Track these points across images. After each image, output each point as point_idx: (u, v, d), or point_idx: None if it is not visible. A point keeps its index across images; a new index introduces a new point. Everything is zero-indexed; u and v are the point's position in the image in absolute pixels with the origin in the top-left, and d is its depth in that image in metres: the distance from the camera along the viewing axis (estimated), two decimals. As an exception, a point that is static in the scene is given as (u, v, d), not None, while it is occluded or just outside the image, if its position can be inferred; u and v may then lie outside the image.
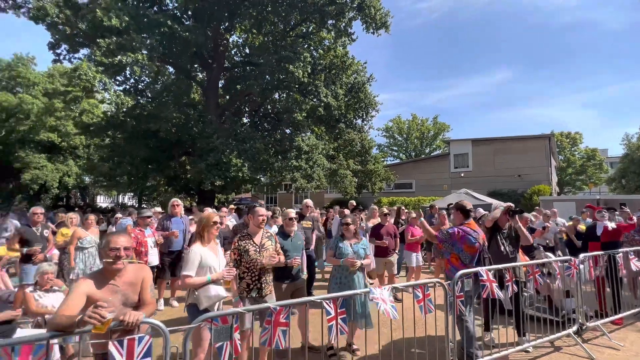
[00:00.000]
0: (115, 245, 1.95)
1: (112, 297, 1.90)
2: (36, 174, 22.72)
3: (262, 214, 3.03)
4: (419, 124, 39.89)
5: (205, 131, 13.39)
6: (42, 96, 24.14)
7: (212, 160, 12.34)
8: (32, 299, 3.69)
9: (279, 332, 2.16)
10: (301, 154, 13.44)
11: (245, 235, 3.06)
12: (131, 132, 13.49)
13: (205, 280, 2.70)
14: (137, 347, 1.71)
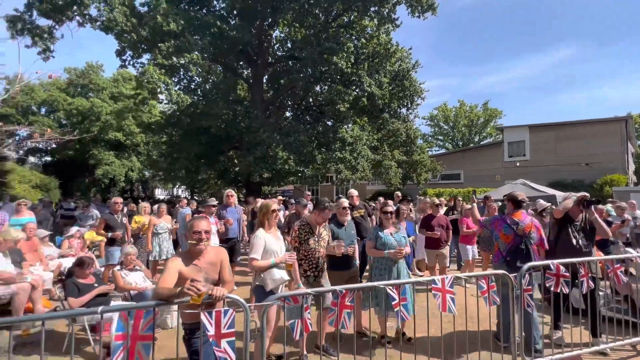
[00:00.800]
0: (198, 229, 2.20)
1: (196, 275, 2.16)
2: (106, 169, 25.66)
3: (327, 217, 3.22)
4: (467, 110, 37.49)
5: (251, 126, 14.01)
6: (109, 99, 27.05)
7: (259, 154, 12.91)
8: (120, 277, 4.25)
9: (344, 314, 2.28)
10: (345, 145, 13.47)
11: (305, 224, 3.24)
12: (186, 129, 14.59)
13: (270, 263, 2.92)
14: (223, 319, 1.94)
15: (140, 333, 1.76)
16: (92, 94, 27.77)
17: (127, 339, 1.73)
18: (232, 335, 1.89)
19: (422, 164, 17.18)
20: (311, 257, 3.14)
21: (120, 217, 5.92)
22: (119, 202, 5.88)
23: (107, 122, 25.36)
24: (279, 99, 16.86)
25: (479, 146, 26.03)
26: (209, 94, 15.24)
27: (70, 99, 26.15)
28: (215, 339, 1.85)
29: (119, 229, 5.64)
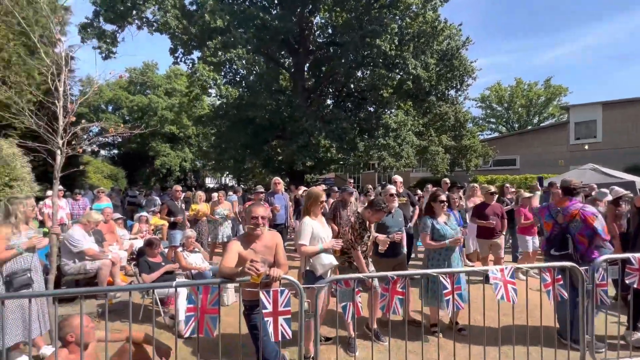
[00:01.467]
0: (256, 214, 2.33)
1: (254, 257, 2.30)
2: (164, 160, 28.09)
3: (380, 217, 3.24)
4: (525, 89, 34.00)
5: (294, 115, 14.23)
6: (164, 95, 29.30)
7: (301, 142, 13.11)
8: (182, 257, 4.66)
9: (396, 300, 2.27)
10: (388, 131, 13.12)
11: (362, 222, 3.26)
12: (233, 120, 15.29)
13: (318, 249, 2.98)
14: (280, 298, 2.05)
15: (207, 307, 1.94)
16: (149, 91, 30.28)
17: (197, 311, 1.92)
18: (288, 313, 2.00)
19: (473, 149, 16.11)
20: (360, 247, 3.18)
21: (180, 203, 6.46)
22: (179, 189, 6.41)
23: (163, 116, 27.56)
24: (320, 87, 16.84)
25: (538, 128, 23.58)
26: (253, 86, 15.74)
27: (131, 97, 28.81)
28: (272, 316, 1.97)
29: (179, 213, 6.17)
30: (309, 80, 16.83)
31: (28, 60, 6.38)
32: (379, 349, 3.20)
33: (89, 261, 4.36)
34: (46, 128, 3.22)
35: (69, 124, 3.30)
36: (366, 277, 2.23)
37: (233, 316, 3.89)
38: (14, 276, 2.71)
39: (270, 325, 1.96)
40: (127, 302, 4.50)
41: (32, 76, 9.30)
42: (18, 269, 2.78)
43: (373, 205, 3.22)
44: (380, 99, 14.27)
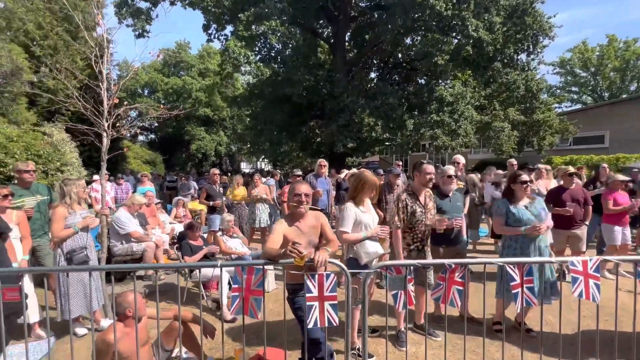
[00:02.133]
0: (299, 191, 2.43)
1: (299, 238, 2.39)
2: (199, 144, 29.74)
3: (429, 172, 3.08)
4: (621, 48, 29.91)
5: (334, 91, 14.09)
6: (197, 76, 30.71)
7: (342, 121, 12.99)
8: (222, 241, 4.99)
9: (454, 290, 2.23)
10: (443, 106, 12.47)
11: (411, 194, 3.18)
12: (268, 99, 15.58)
13: (361, 236, 2.99)
14: (325, 282, 2.12)
15: (252, 288, 2.08)
16: (183, 72, 31.91)
17: (242, 292, 2.07)
18: (334, 298, 2.07)
19: (547, 124, 14.73)
20: (416, 229, 3.11)
21: (218, 187, 6.86)
22: (217, 173, 6.81)
23: (197, 98, 28.98)
24: (363, 59, 16.41)
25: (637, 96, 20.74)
26: (289, 61, 15.82)
27: (166, 79, 30.59)
28: (318, 301, 2.06)
29: (218, 197, 6.57)
30: (350, 51, 16.47)
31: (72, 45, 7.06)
32: (432, 345, 3.20)
33: (135, 243, 4.86)
34: (92, 111, 3.58)
35: (112, 106, 3.64)
36: (421, 264, 2.20)
37: (274, 302, 4.12)
38: (73, 254, 3.14)
39: (316, 309, 2.04)
40: (172, 283, 4.97)
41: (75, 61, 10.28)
42: (76, 246, 3.21)
43: (414, 167, 3.13)
44: (433, 69, 13.51)
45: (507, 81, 13.58)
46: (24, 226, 3.42)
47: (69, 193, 3.34)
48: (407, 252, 3.13)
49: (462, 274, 2.22)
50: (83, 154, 10.13)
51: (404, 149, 14.01)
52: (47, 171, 6.80)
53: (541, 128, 14.71)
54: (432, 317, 3.73)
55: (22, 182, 3.83)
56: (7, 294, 1.96)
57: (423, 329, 3.41)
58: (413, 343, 3.26)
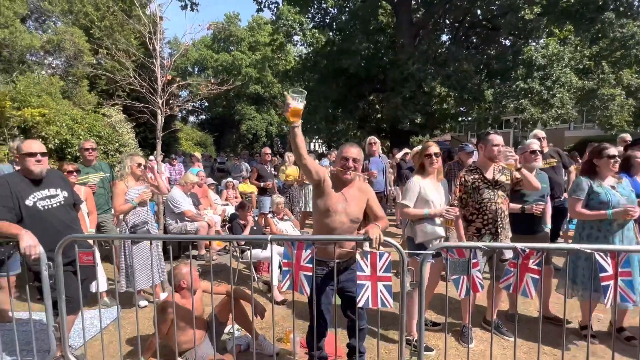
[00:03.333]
0: (347, 155, 2.43)
1: (340, 205, 2.42)
2: (249, 124, 31.17)
3: (497, 143, 2.95)
4: None
5: (397, 59, 13.68)
6: (247, 50, 31.89)
7: (407, 93, 12.58)
8: (273, 223, 5.32)
9: (527, 279, 2.17)
10: (532, 71, 11.42)
11: (473, 169, 3.09)
12: (322, 72, 15.68)
13: (423, 213, 3.00)
14: (378, 261, 2.21)
15: (301, 264, 2.26)
16: (232, 47, 33.36)
17: (292, 267, 2.26)
18: (388, 279, 2.15)
19: (680, 90, 12.71)
20: (486, 210, 2.99)
21: (269, 167, 7.24)
22: (268, 152, 7.18)
23: (248, 74, 30.20)
24: (432, 19, 15.58)
25: None
26: (345, 28, 15.64)
27: (215, 56, 32.31)
28: (370, 280, 2.16)
29: (269, 178, 6.95)
30: (416, 11, 15.74)
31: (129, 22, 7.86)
32: (503, 344, 3.14)
33: (189, 222, 5.41)
34: (148, 88, 4.03)
35: (166, 83, 4.06)
36: (487, 247, 2.17)
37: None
38: (136, 228, 3.65)
39: (368, 289, 2.16)
40: (223, 264, 5.47)
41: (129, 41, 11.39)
42: (138, 221, 3.73)
43: (480, 139, 2.99)
44: (520, 26, 12.35)
45: (623, 35, 11.86)
46: (90, 202, 4.03)
47: (125, 166, 3.86)
48: (477, 239, 3.05)
49: (539, 260, 2.15)
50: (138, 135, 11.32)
51: (481, 125, 13.18)
52: (107, 152, 7.80)
53: (670, 95, 12.75)
54: (507, 315, 3.63)
55: (85, 160, 4.48)
56: (83, 258, 2.39)
57: (494, 326, 3.36)
58: (480, 340, 3.23)
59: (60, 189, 2.75)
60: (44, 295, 2.46)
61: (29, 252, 2.31)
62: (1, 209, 2.45)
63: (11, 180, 2.57)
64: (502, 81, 12.36)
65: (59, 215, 2.68)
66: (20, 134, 7.12)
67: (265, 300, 4.15)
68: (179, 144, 21.18)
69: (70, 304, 2.55)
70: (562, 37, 13.53)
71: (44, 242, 2.41)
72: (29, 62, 11.47)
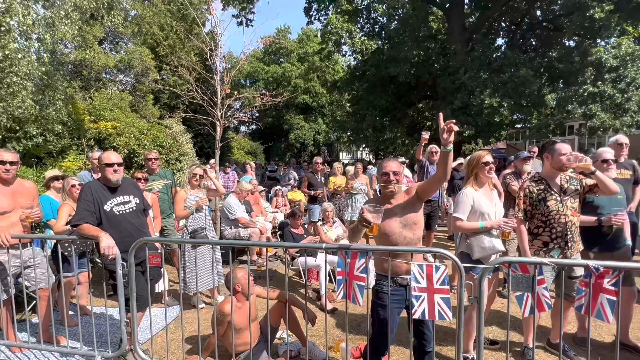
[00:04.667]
0: (386, 169, 2.42)
1: (393, 221, 2.38)
2: (297, 133, 31.81)
3: (564, 152, 2.76)
4: None
5: (449, 66, 13.30)
6: (296, 62, 32.76)
7: (458, 103, 12.19)
8: (323, 231, 5.37)
9: (602, 300, 2.00)
10: (603, 73, 10.52)
11: (539, 179, 2.92)
12: (371, 81, 15.65)
13: (478, 226, 2.88)
14: (435, 274, 2.16)
15: (355, 273, 2.27)
16: (283, 59, 34.45)
17: (346, 275, 2.28)
18: (446, 292, 2.09)
19: None
20: (553, 222, 2.80)
21: (319, 176, 7.35)
22: (319, 161, 7.30)
23: (297, 85, 30.99)
24: (487, 23, 15.00)
25: None
26: (395, 35, 15.54)
27: (266, 68, 33.54)
28: (426, 292, 2.12)
29: (319, 187, 7.05)
30: (470, 15, 15.25)
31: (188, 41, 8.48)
32: (571, 370, 2.90)
33: (242, 228, 5.64)
34: (208, 102, 4.31)
35: (225, 96, 4.31)
36: (554, 263, 2.02)
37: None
38: (195, 233, 3.89)
39: (424, 301, 2.11)
40: (274, 270, 5.60)
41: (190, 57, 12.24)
42: (198, 227, 3.96)
43: (544, 148, 2.79)
44: (587, 25, 11.48)
45: None
46: (155, 207, 4.36)
47: (184, 176, 4.14)
48: (545, 253, 2.85)
49: (615, 280, 1.98)
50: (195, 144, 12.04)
51: (542, 132, 12.34)
52: (169, 160, 8.37)
53: None
54: (574, 338, 3.34)
55: (149, 169, 4.86)
56: (152, 259, 2.60)
57: (558, 349, 3.11)
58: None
59: (133, 196, 3.02)
60: (118, 293, 2.69)
61: (107, 252, 2.55)
62: (85, 213, 2.74)
63: (93, 187, 2.87)
64: (565, 85, 11.54)
65: (131, 220, 2.94)
66: (95, 145, 7.89)
67: (314, 308, 4.20)
68: (231, 153, 22.18)
69: (140, 302, 2.77)
70: (636, 35, 12.35)
71: (119, 243, 2.66)
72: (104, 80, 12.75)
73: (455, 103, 12.22)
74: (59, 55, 8.46)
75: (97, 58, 11.53)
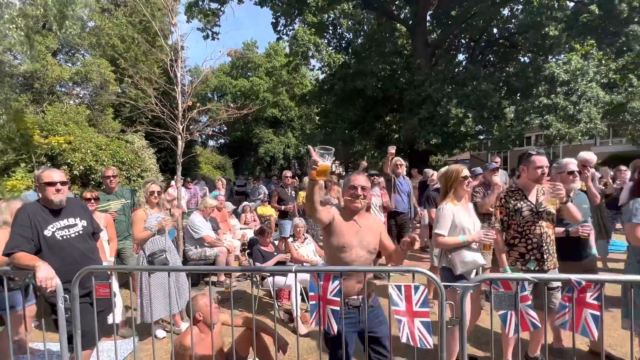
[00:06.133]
0: (354, 183, 2.33)
1: (354, 234, 2.30)
2: (267, 147, 31.50)
3: (540, 165, 2.75)
4: None
5: (414, 80, 13.63)
6: (264, 76, 32.66)
7: (424, 114, 12.48)
8: (293, 248, 5.14)
9: (586, 315, 1.93)
10: (555, 86, 11.13)
11: (515, 190, 2.89)
12: (339, 94, 15.78)
13: (460, 241, 2.81)
14: (414, 295, 2.01)
15: (328, 297, 2.08)
16: (250, 73, 34.26)
17: (319, 300, 2.08)
18: (426, 315, 1.95)
19: None
20: (529, 233, 2.78)
21: (289, 190, 7.13)
22: (289, 175, 7.10)
23: (265, 99, 30.83)
24: (448, 39, 15.60)
25: None
26: (361, 51, 15.83)
27: (234, 82, 33.20)
28: (406, 317, 1.96)
29: (290, 201, 6.83)
30: (432, 32, 15.80)
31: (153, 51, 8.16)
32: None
33: (208, 248, 5.30)
34: (168, 114, 4.03)
35: (186, 109, 4.06)
36: (536, 278, 1.94)
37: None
38: (154, 256, 3.55)
39: (406, 326, 1.95)
40: (243, 291, 5.29)
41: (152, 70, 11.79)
42: (156, 249, 3.63)
43: (522, 158, 2.78)
44: (540, 42, 12.18)
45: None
46: (110, 229, 3.98)
47: (141, 195, 3.81)
48: (521, 265, 2.81)
49: (597, 294, 1.91)
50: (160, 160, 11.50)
51: (503, 143, 12.85)
52: (130, 177, 7.89)
53: None
54: (551, 349, 3.30)
55: (107, 187, 4.47)
56: (100, 291, 2.28)
57: None
58: (525, 380, 2.92)
59: (79, 218, 2.69)
60: (59, 329, 2.35)
61: (44, 285, 2.22)
62: (20, 239, 2.40)
63: (31, 210, 2.53)
64: (523, 98, 12.10)
65: (77, 245, 2.61)
66: (47, 162, 7.30)
67: (287, 331, 3.94)
68: (198, 167, 21.49)
69: (86, 338, 2.43)
70: (583, 52, 13.25)
71: (61, 272, 2.33)
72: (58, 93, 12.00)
73: (422, 113, 12.50)
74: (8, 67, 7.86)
75: (50, 70, 10.85)
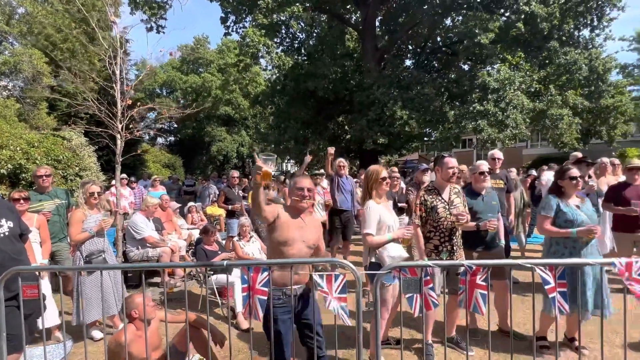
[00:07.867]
0: (301, 186, 2.57)
1: (298, 231, 2.53)
2: (220, 145, 30.80)
3: (451, 166, 3.11)
4: None
5: (363, 82, 14.14)
6: (217, 72, 31.89)
7: (372, 116, 13.02)
8: (239, 247, 5.24)
9: (477, 295, 2.26)
10: (487, 94, 12.14)
11: (431, 189, 3.23)
12: (291, 94, 15.93)
13: (387, 239, 3.07)
14: (334, 282, 2.25)
15: (256, 287, 2.24)
16: (202, 69, 33.29)
17: (249, 290, 2.24)
18: (344, 300, 2.19)
19: (619, 110, 13.86)
20: (442, 227, 3.13)
21: (237, 190, 7.17)
22: (236, 175, 7.14)
23: (217, 96, 30.12)
24: (395, 45, 16.34)
25: None
26: (313, 52, 16.09)
27: (184, 77, 32.07)
28: (330, 296, 2.19)
29: (237, 201, 6.87)
30: (381, 37, 16.45)
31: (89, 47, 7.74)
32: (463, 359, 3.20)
33: (151, 248, 5.23)
34: (107, 113, 3.95)
35: (127, 108, 4.00)
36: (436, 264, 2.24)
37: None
38: (91, 257, 3.50)
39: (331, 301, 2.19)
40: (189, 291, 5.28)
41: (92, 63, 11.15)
42: (94, 250, 3.57)
43: (436, 160, 3.14)
44: (476, 52, 13.20)
45: (566, 62, 12.96)
46: (44, 230, 3.82)
47: (80, 196, 3.72)
48: (435, 255, 3.16)
49: (485, 276, 2.25)
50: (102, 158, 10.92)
51: (445, 145, 13.76)
52: (67, 176, 7.46)
53: (611, 115, 13.87)
54: (468, 330, 3.71)
55: (39, 187, 4.27)
56: (27, 291, 2.26)
57: (454, 342, 3.42)
58: (441, 357, 3.28)
59: (5, 219, 2.62)
60: (-18, 334, 2.29)
61: (-35, 288, 2.16)
62: None
63: (-49, 211, 2.43)
64: (461, 103, 13.04)
65: (3, 247, 2.54)
66: (-31, 160, 6.70)
67: (230, 327, 4.04)
68: (145, 166, 20.56)
69: (12, 342, 2.39)
70: (514, 62, 14.53)
71: (-16, 276, 2.27)
72: (-19, 84, 10.97)
73: (370, 115, 13.03)
74: None
75: (-28, 59, 9.88)
